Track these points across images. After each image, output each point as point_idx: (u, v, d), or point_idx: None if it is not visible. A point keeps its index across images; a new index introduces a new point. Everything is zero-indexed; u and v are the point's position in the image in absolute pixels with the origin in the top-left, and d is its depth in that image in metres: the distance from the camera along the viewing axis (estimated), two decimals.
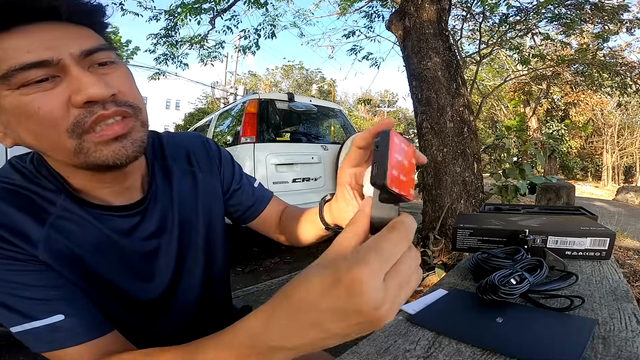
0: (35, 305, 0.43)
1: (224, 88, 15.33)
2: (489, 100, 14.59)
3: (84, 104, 0.42)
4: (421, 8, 3.06)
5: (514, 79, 10.23)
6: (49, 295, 0.44)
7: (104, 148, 0.44)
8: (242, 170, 0.74)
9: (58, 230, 0.47)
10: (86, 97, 0.41)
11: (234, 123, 3.90)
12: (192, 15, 5.01)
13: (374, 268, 0.26)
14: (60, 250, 0.47)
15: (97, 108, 0.43)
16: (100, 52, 0.45)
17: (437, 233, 2.94)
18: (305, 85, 28.15)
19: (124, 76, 0.48)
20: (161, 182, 0.60)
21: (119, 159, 0.45)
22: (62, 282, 0.46)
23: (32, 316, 0.43)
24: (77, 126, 0.42)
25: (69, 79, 0.42)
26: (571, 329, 0.51)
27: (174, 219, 0.59)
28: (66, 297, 0.45)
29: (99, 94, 0.42)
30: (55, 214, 0.48)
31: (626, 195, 9.88)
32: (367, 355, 0.47)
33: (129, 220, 0.54)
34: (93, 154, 0.44)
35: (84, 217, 0.50)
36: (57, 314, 0.44)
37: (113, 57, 0.47)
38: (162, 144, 0.63)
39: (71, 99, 0.41)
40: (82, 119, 0.42)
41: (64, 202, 0.49)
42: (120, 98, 0.45)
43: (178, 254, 0.60)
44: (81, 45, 0.43)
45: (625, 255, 3.29)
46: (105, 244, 0.51)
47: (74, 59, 0.42)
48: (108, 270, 0.52)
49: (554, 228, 0.84)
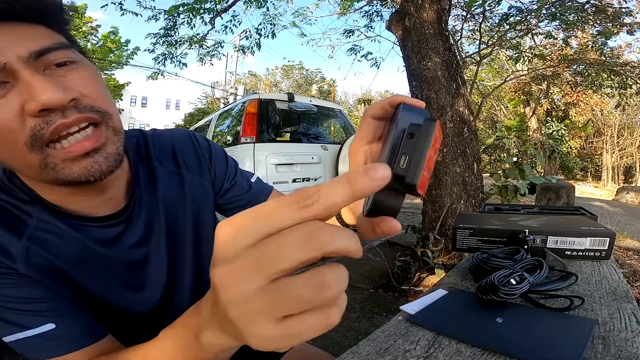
0: (25, 315, 0.42)
1: (224, 88, 15.33)
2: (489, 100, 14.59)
3: (40, 112, 0.37)
4: (421, 8, 3.06)
5: (514, 79, 10.23)
6: (36, 306, 0.42)
7: (72, 164, 0.40)
8: (237, 166, 0.70)
9: (37, 243, 0.44)
10: (40, 105, 0.36)
11: (234, 123, 3.90)
12: (194, 15, 5.01)
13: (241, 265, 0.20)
14: (41, 263, 0.44)
15: (56, 116, 0.38)
16: (55, 52, 0.40)
17: (437, 233, 2.94)
18: (305, 85, 28.15)
19: (87, 77, 0.42)
20: (145, 187, 0.56)
21: (91, 175, 0.41)
22: (48, 293, 0.44)
23: (23, 325, 0.41)
24: (36, 138, 0.37)
25: (20, 85, 0.37)
26: (571, 329, 0.51)
27: (160, 224, 0.56)
28: (54, 307, 0.44)
29: (53, 100, 0.37)
30: (32, 226, 0.45)
31: (626, 195, 9.88)
32: (367, 355, 0.47)
33: (112, 229, 0.51)
34: (62, 170, 0.40)
35: (62, 229, 0.47)
36: (47, 324, 0.42)
37: (73, 56, 0.42)
38: (147, 144, 0.59)
39: (25, 107, 0.37)
40: (39, 130, 0.37)
41: (39, 213, 0.46)
42: (85, 102, 0.40)
43: (169, 259, 0.57)
44: (30, 47, 0.38)
45: (625, 255, 3.29)
46: (88, 256, 0.48)
47: (23, 61, 0.37)
48: (95, 283, 0.49)
49: (553, 228, 0.84)
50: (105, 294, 0.50)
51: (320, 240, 0.19)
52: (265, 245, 0.19)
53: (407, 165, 0.25)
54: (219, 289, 0.21)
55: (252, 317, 0.20)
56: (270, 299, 0.19)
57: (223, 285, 0.21)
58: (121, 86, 13.22)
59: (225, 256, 0.20)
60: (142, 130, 0.63)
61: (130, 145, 0.57)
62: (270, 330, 0.20)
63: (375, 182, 0.20)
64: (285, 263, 0.19)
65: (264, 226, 0.20)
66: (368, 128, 0.35)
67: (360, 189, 0.20)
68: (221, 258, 0.21)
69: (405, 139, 0.26)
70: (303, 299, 0.19)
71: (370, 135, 0.35)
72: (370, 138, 0.35)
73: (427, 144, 0.25)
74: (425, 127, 0.26)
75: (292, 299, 0.19)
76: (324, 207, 0.20)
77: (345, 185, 0.20)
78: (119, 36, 11.91)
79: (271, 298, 0.19)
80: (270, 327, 0.20)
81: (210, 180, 0.65)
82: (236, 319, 0.21)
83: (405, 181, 0.25)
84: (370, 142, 0.36)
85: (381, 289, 2.71)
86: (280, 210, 0.20)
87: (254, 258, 0.20)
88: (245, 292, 0.20)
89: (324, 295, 0.19)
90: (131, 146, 0.57)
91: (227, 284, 0.20)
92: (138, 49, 12.11)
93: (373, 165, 0.21)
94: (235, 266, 0.20)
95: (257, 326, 0.20)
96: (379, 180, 0.20)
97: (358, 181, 0.20)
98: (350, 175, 0.20)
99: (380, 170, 0.20)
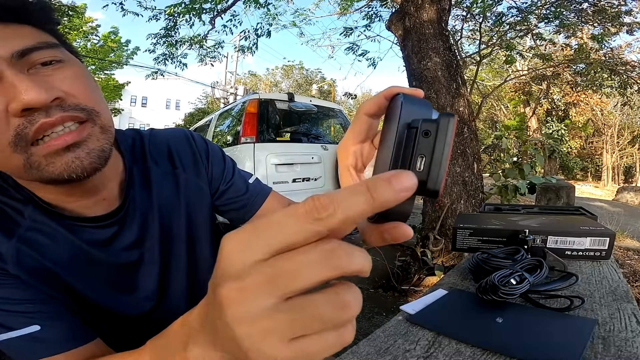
0: (9, 316, 0.41)
1: (224, 88, 15.32)
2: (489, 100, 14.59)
3: (23, 112, 0.37)
4: (421, 8, 3.06)
5: (514, 79, 10.23)
6: (22, 307, 0.42)
7: (55, 160, 0.39)
8: (235, 166, 0.69)
9: (28, 244, 0.44)
10: (21, 105, 0.36)
11: (234, 123, 3.90)
12: (194, 15, 5.01)
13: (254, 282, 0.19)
14: (31, 264, 0.44)
15: (39, 116, 0.38)
16: (39, 51, 0.40)
17: (437, 233, 2.94)
18: (305, 85, 28.14)
19: (73, 76, 0.42)
20: (140, 188, 0.55)
21: (73, 171, 0.40)
22: (36, 295, 0.43)
23: (7, 326, 0.41)
24: (19, 138, 0.38)
25: (3, 85, 0.37)
26: (571, 329, 0.51)
27: (154, 225, 0.55)
28: (41, 309, 0.43)
29: (34, 100, 0.37)
30: (24, 226, 0.45)
31: (626, 195, 9.88)
32: (367, 355, 0.47)
33: (105, 231, 0.50)
34: (45, 167, 0.39)
35: (55, 229, 0.46)
36: (32, 325, 0.41)
37: (59, 55, 0.42)
38: (143, 144, 0.59)
39: (8, 107, 0.37)
40: (23, 130, 0.37)
41: (32, 213, 0.45)
42: (69, 101, 0.40)
43: (162, 262, 0.56)
44: (13, 46, 0.38)
45: (625, 255, 3.29)
46: (79, 257, 0.48)
47: (6, 61, 0.38)
48: (86, 285, 0.48)
49: (553, 228, 0.84)
50: (96, 296, 0.50)
51: (340, 260, 0.18)
52: (281, 262, 0.18)
53: (427, 169, 0.22)
54: (225, 306, 0.19)
55: (263, 336, 0.19)
56: (286, 318, 0.18)
57: (231, 302, 0.19)
58: (121, 86, 13.22)
59: (234, 272, 0.19)
60: (139, 130, 0.62)
61: (126, 146, 0.57)
62: (281, 351, 0.19)
63: (401, 193, 0.18)
64: (302, 282, 0.18)
65: (274, 240, 0.18)
66: (361, 126, 0.32)
67: (383, 201, 0.18)
68: (228, 273, 0.19)
69: (419, 138, 0.23)
70: (324, 318, 0.18)
71: (363, 134, 0.32)
72: (362, 137, 0.32)
73: (448, 144, 0.22)
74: (443, 124, 0.22)
75: (312, 318, 0.18)
76: (340, 220, 0.18)
77: (366, 195, 0.18)
78: (119, 36, 11.91)
79: (287, 317, 0.18)
80: (282, 348, 0.19)
81: (207, 180, 0.64)
82: (243, 338, 0.19)
83: (428, 187, 0.22)
84: (362, 142, 0.33)
85: (381, 289, 2.71)
86: (291, 222, 0.18)
87: (266, 275, 0.18)
88: (257, 310, 0.18)
89: (345, 315, 0.19)
90: (127, 147, 0.57)
91: (236, 301, 0.19)
92: (138, 49, 12.12)
93: (397, 173, 0.18)
94: (246, 283, 0.19)
95: (267, 346, 0.19)
96: (405, 192, 0.18)
97: (380, 192, 0.18)
98: (371, 184, 0.18)
99: (406, 180, 0.18)
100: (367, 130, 0.32)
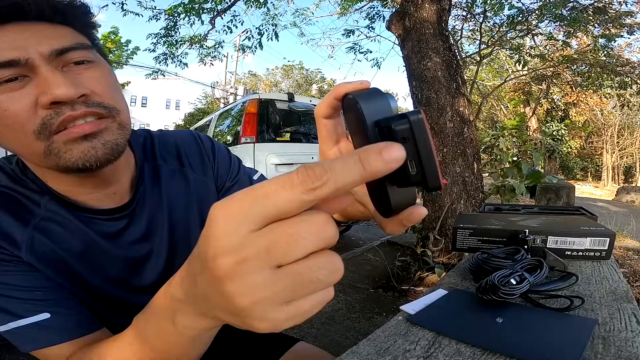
0: (21, 304, 0.43)
1: (224, 88, 15.33)
2: (489, 100, 14.59)
3: (51, 105, 0.41)
4: (421, 8, 3.06)
5: (514, 79, 10.23)
6: (33, 295, 0.44)
7: (73, 147, 0.42)
8: (241, 164, 0.71)
9: (42, 233, 0.47)
10: (51, 98, 0.40)
11: (234, 123, 3.90)
12: (195, 15, 5.01)
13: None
14: (44, 252, 0.46)
15: (65, 109, 0.41)
16: (75, 51, 0.43)
17: (437, 233, 2.94)
18: (305, 85, 28.12)
19: (100, 76, 0.46)
20: (150, 184, 0.58)
21: (87, 160, 0.43)
22: (47, 282, 0.46)
23: (18, 314, 0.42)
24: (44, 127, 0.41)
25: (37, 79, 0.41)
26: (571, 329, 0.51)
27: (163, 222, 0.58)
28: (51, 297, 0.45)
29: (64, 94, 0.40)
30: (40, 216, 0.47)
31: (626, 195, 9.88)
32: (367, 355, 0.47)
33: (115, 224, 0.53)
34: (63, 154, 0.42)
35: (69, 219, 0.49)
36: (42, 313, 0.43)
37: (91, 56, 0.46)
38: (153, 143, 0.62)
39: (38, 99, 0.40)
40: (49, 120, 0.41)
41: (48, 203, 0.48)
42: (93, 99, 0.44)
43: (168, 258, 0.58)
44: (52, 45, 0.42)
45: (625, 255, 3.29)
46: (90, 248, 0.50)
47: (44, 58, 0.41)
48: (94, 274, 0.50)
49: (553, 228, 0.84)
50: (104, 286, 0.52)
51: (330, 233, 0.20)
52: (275, 234, 0.19)
53: (421, 171, 0.23)
54: (224, 279, 0.20)
55: (264, 304, 0.20)
56: (284, 285, 0.20)
57: (231, 275, 0.20)
58: (121, 86, 13.19)
59: (229, 245, 0.20)
60: (150, 130, 0.65)
61: (137, 144, 0.59)
62: (279, 314, 0.20)
63: (390, 164, 0.19)
64: (297, 253, 0.19)
65: (267, 211, 0.19)
66: (327, 130, 0.32)
67: (373, 171, 0.19)
68: (222, 246, 0.20)
69: (404, 147, 0.24)
70: (320, 282, 0.20)
71: (333, 136, 0.33)
72: (334, 138, 0.33)
73: (429, 141, 0.22)
74: (416, 126, 0.22)
75: (310, 283, 0.20)
76: (333, 189, 0.19)
77: (358, 165, 0.19)
78: (119, 36, 11.90)
79: (286, 284, 0.20)
80: (282, 310, 0.20)
81: (214, 178, 0.66)
82: (247, 308, 0.20)
83: (429, 187, 0.23)
84: (337, 143, 0.33)
85: (381, 289, 2.71)
86: (284, 192, 0.19)
87: (262, 247, 0.19)
88: (257, 282, 0.20)
89: (336, 277, 0.21)
90: (138, 145, 0.60)
91: (235, 274, 0.20)
92: (138, 49, 12.10)
93: (388, 144, 0.19)
94: (243, 256, 0.19)
95: (269, 311, 0.20)
96: (394, 162, 0.19)
97: (372, 162, 0.19)
98: (363, 154, 0.19)
99: (395, 151, 0.19)
100: (334, 131, 0.33)
